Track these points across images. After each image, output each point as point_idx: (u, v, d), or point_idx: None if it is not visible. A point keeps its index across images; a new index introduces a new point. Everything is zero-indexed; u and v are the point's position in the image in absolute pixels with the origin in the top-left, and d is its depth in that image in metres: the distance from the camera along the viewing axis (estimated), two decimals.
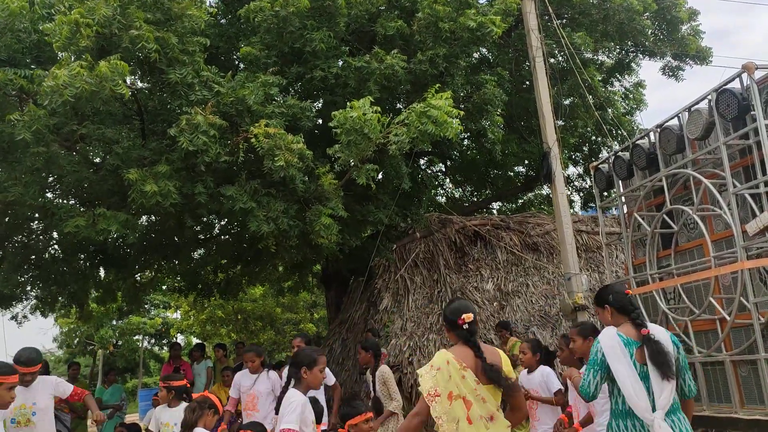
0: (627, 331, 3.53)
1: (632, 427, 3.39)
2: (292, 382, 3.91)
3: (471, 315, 3.48)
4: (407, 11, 9.14)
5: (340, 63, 8.42)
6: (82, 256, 10.61)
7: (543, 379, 5.61)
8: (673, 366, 3.41)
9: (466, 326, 3.46)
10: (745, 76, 4.64)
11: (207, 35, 7.88)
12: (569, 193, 14.72)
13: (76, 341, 30.66)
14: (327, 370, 6.43)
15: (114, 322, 28.31)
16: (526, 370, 5.85)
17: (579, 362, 4.89)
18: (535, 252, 11.31)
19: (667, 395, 3.36)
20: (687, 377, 3.54)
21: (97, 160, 8.73)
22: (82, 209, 7.79)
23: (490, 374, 3.34)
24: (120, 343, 32.22)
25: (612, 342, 3.49)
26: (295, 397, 3.74)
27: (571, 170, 15.39)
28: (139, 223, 7.85)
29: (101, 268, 11.33)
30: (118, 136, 7.50)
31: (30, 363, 5.12)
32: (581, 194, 15.61)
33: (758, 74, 4.62)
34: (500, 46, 11.21)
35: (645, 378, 3.40)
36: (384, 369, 6.47)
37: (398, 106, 9.87)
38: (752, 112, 4.56)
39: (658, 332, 3.52)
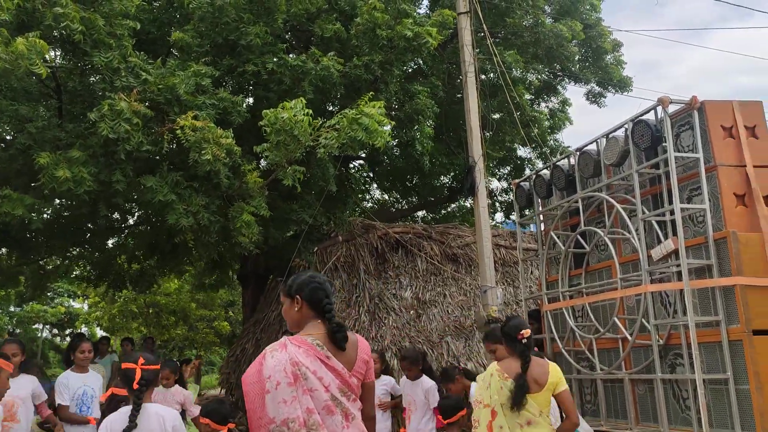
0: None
1: None
2: None
3: (529, 331, 3.91)
4: (346, 15, 9.13)
5: (276, 59, 8.31)
6: None
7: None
8: None
9: (524, 341, 3.86)
10: (659, 109, 4.89)
11: (139, 19, 7.59)
12: (491, 204, 15.13)
13: None
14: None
15: (12, 309, 26.72)
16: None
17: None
18: (455, 263, 11.51)
19: None
20: None
21: (8, 137, 8.23)
22: None
23: (516, 389, 3.75)
24: (18, 331, 30.38)
25: None
26: None
27: (496, 184, 15.83)
28: (46, 209, 7.43)
29: (2, 250, 10.67)
30: (33, 114, 7.09)
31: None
32: (503, 207, 16.07)
33: (672, 108, 4.88)
34: (435, 57, 11.38)
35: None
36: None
37: (331, 108, 9.83)
38: (664, 144, 4.81)
39: None
